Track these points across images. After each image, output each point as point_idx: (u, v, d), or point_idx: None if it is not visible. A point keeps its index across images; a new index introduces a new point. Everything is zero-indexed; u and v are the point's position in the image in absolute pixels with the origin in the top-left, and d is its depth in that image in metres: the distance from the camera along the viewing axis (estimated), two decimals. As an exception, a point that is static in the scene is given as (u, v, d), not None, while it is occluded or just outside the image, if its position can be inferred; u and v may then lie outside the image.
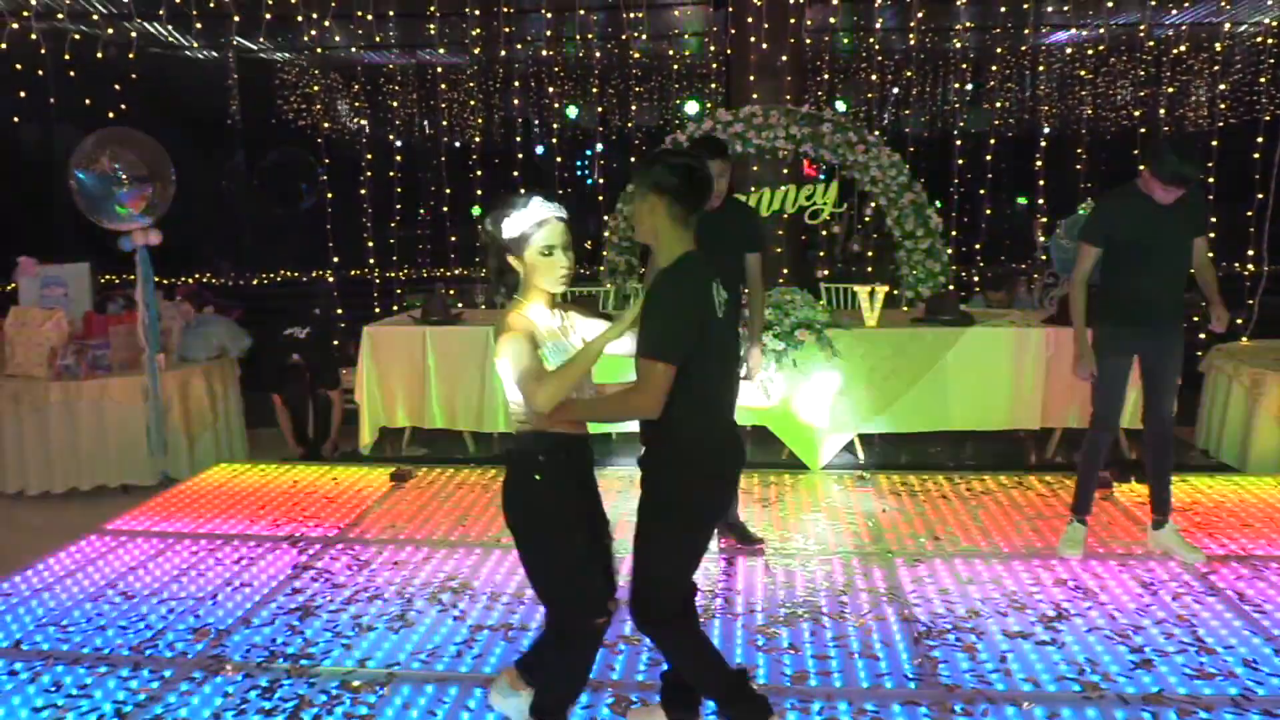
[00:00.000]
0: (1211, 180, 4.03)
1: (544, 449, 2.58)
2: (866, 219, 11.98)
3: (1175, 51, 10.72)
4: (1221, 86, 10.84)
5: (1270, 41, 8.79)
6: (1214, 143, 8.16)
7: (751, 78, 7.54)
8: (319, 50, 9.50)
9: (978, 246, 11.55)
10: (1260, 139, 7.45)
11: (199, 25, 7.86)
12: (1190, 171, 3.83)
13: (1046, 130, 11.58)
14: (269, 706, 3.08)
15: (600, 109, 14.05)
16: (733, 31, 7.74)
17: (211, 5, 7.83)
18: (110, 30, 7.23)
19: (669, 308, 2.46)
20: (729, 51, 8.06)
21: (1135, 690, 3.08)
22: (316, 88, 12.86)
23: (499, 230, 2.54)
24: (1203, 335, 6.37)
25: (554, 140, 14.53)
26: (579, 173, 16.51)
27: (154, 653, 3.48)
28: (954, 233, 9.69)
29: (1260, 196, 7.28)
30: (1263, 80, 9.55)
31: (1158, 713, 2.95)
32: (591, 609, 2.62)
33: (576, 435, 2.63)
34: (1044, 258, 8.47)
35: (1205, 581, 3.94)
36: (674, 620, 2.68)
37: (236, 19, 8.06)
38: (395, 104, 13.36)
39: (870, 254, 11.90)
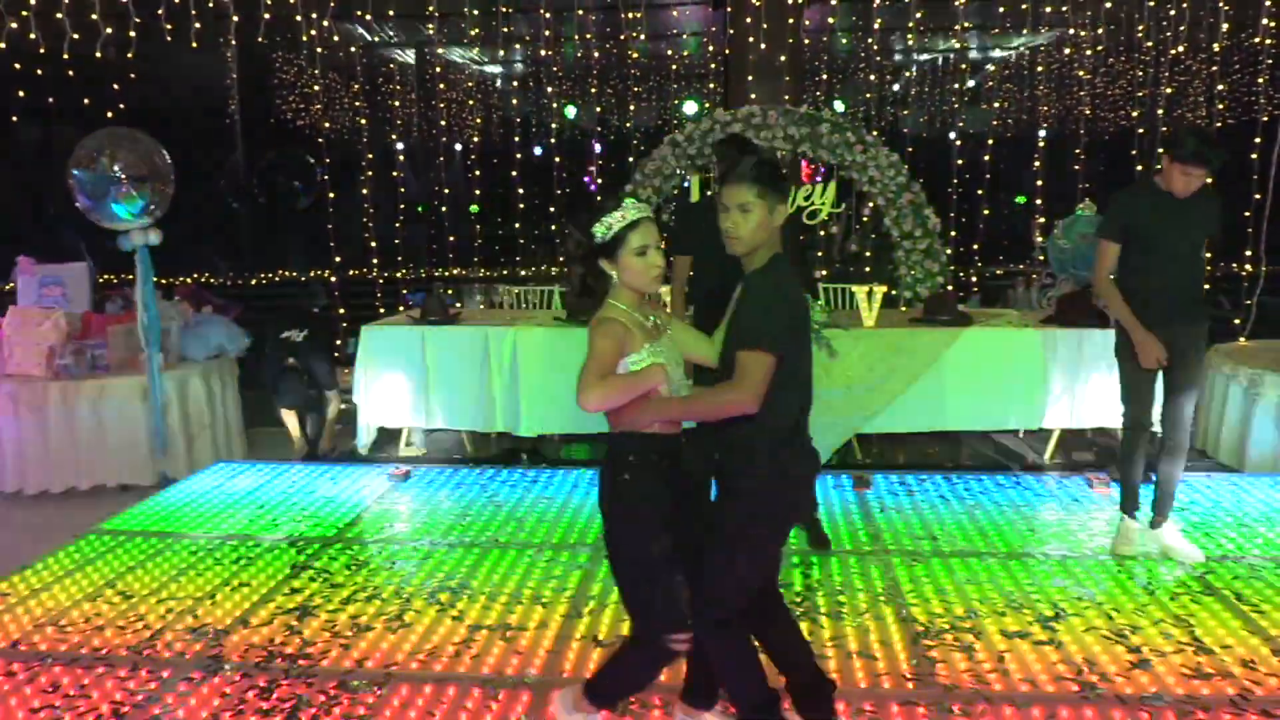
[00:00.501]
0: (1210, 180, 4.02)
1: (634, 450, 2.55)
2: (865, 219, 11.96)
3: (1173, 52, 10.73)
4: (1220, 87, 10.84)
5: (1269, 42, 8.78)
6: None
7: (750, 78, 7.54)
8: (320, 50, 9.49)
9: (975, 247, 11.55)
10: (1258, 139, 7.46)
11: (198, 25, 7.86)
12: (1211, 151, 3.82)
13: (1044, 131, 11.58)
14: (267, 707, 3.08)
15: (599, 109, 14.05)
16: (731, 32, 7.74)
17: (211, 4, 7.84)
18: (109, 30, 7.22)
19: (768, 301, 2.48)
20: (728, 52, 8.06)
21: (1132, 690, 3.09)
22: (316, 86, 12.84)
23: (591, 236, 2.52)
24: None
25: (552, 140, 14.54)
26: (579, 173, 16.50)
27: (152, 653, 3.48)
28: (953, 233, 9.69)
29: (1258, 197, 7.29)
30: (1261, 81, 9.55)
31: (1155, 713, 2.96)
32: (667, 623, 2.55)
33: (668, 435, 2.58)
34: (1042, 258, 8.47)
35: (1203, 581, 3.95)
36: (744, 624, 2.66)
37: (235, 18, 8.06)
38: (396, 103, 13.36)
39: (868, 254, 11.89)
